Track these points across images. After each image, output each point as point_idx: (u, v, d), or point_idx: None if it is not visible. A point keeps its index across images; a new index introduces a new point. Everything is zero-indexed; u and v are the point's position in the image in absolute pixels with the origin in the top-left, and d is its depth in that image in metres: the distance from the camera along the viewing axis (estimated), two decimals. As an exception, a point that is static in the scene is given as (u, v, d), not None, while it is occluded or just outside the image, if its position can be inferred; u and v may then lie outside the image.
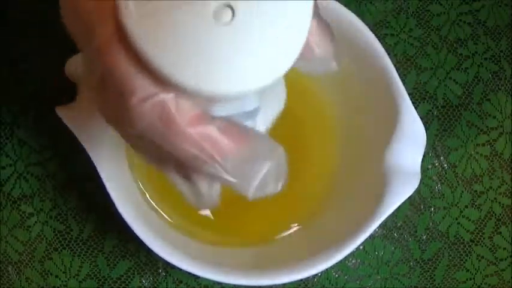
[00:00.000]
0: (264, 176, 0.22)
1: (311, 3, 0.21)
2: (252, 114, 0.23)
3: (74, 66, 0.35)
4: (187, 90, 0.20)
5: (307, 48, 0.21)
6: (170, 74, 0.19)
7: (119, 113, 0.21)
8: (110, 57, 0.20)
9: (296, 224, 0.39)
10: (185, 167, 0.23)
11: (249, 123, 0.23)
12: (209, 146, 0.21)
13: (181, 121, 0.20)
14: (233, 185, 0.22)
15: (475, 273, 0.42)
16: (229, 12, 0.19)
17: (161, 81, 0.20)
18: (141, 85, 0.20)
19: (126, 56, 0.20)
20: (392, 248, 0.42)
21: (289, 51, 0.20)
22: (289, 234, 0.39)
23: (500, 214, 0.43)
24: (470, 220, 0.43)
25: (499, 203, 0.43)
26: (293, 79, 0.41)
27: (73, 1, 0.21)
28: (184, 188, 0.24)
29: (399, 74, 0.36)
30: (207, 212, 0.39)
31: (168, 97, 0.20)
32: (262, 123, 0.25)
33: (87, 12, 0.21)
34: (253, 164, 0.22)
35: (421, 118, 0.36)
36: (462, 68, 0.43)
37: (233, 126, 0.21)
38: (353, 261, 0.41)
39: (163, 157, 0.23)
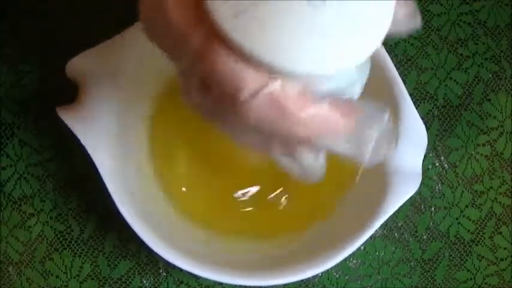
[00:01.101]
0: (376, 141, 0.23)
1: None
2: (351, 85, 0.24)
3: (75, 67, 0.35)
4: (292, 74, 0.20)
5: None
6: (274, 62, 0.20)
7: (227, 111, 0.22)
8: (210, 58, 0.20)
9: (297, 224, 0.39)
10: (292, 145, 0.23)
11: (348, 93, 0.24)
12: (322, 124, 0.22)
13: (292, 106, 0.21)
14: (348, 154, 0.23)
15: (476, 273, 0.42)
16: None
17: (266, 71, 0.20)
18: (248, 79, 0.20)
19: (226, 54, 0.20)
20: (393, 248, 0.42)
21: (381, 24, 0.21)
22: (290, 234, 0.39)
23: (501, 214, 0.43)
24: (470, 220, 0.43)
25: (500, 202, 0.43)
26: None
27: (161, 16, 0.21)
28: (288, 163, 0.24)
29: (400, 74, 0.36)
30: (204, 215, 0.39)
31: (276, 86, 0.21)
32: (356, 91, 0.26)
33: (177, 22, 0.21)
34: (364, 132, 0.22)
35: (422, 118, 0.36)
36: (462, 68, 0.43)
37: (339, 101, 0.22)
38: (354, 261, 0.41)
39: (268, 140, 0.23)
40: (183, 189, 0.39)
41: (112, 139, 0.35)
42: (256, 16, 0.20)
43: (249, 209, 0.39)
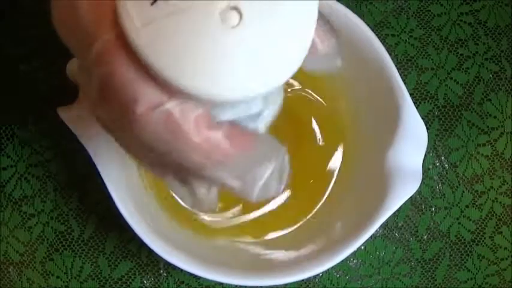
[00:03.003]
0: (266, 179, 0.22)
1: (316, 4, 0.20)
2: (256, 116, 0.23)
3: (76, 67, 0.35)
4: (193, 96, 0.19)
5: (311, 45, 0.21)
6: (176, 80, 0.19)
7: (120, 122, 0.21)
8: (110, 64, 0.19)
9: (298, 224, 0.39)
10: (184, 172, 0.22)
11: (251, 125, 0.23)
12: (215, 152, 0.21)
13: (187, 129, 0.20)
14: (236, 189, 0.22)
15: (476, 273, 0.42)
16: (236, 15, 0.19)
17: (166, 87, 0.19)
18: (146, 93, 0.19)
19: (128, 62, 0.19)
20: (394, 248, 0.42)
21: (297, 53, 0.20)
22: (290, 234, 0.39)
23: (501, 214, 0.43)
24: (471, 220, 0.43)
25: (500, 202, 0.43)
26: (295, 80, 0.41)
27: (69, 10, 0.21)
28: (181, 192, 0.24)
29: (400, 74, 0.36)
30: (204, 217, 0.39)
31: (174, 105, 0.20)
32: (262, 124, 0.25)
33: (85, 19, 0.20)
34: (257, 168, 0.22)
35: (422, 118, 0.36)
36: (463, 68, 0.43)
37: (238, 131, 0.21)
38: (354, 261, 0.41)
39: (162, 162, 0.22)
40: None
41: (112, 139, 0.35)
42: (165, 30, 0.19)
43: (249, 208, 0.40)
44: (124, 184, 0.35)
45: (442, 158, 0.42)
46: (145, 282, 0.40)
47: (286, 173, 0.23)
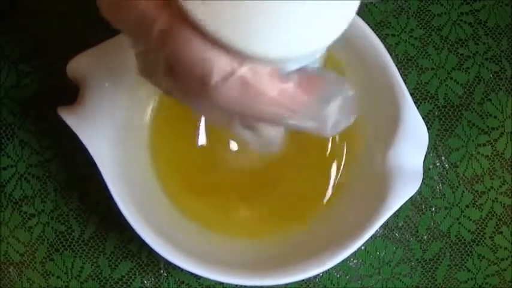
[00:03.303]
0: (337, 114, 0.23)
1: None
2: (315, 60, 0.24)
3: (75, 67, 0.35)
4: (264, 59, 0.20)
5: None
6: (245, 47, 0.19)
7: (193, 93, 0.21)
8: (175, 42, 0.20)
9: (298, 224, 0.39)
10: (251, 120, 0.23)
11: (312, 66, 0.24)
12: (290, 102, 0.21)
13: (262, 88, 0.21)
14: (310, 130, 0.23)
15: (476, 273, 0.42)
16: None
17: (235, 55, 0.20)
18: (217, 64, 0.20)
19: (193, 37, 0.20)
20: (394, 248, 0.42)
21: (349, 6, 0.21)
22: (291, 234, 0.39)
23: (501, 214, 0.43)
24: (471, 220, 0.43)
25: (500, 202, 0.43)
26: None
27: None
28: (249, 135, 0.25)
29: (400, 74, 0.36)
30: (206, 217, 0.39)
31: (246, 70, 0.20)
32: (319, 63, 0.26)
33: (142, 5, 0.20)
34: (327, 106, 0.23)
35: (423, 118, 0.36)
36: (463, 68, 0.43)
37: (306, 78, 0.22)
38: (354, 261, 0.41)
39: (231, 115, 0.23)
40: (183, 189, 0.39)
41: (113, 139, 0.35)
42: (226, 2, 0.19)
43: (248, 209, 0.40)
44: (125, 183, 0.35)
45: (443, 158, 0.42)
46: (145, 282, 0.40)
47: (353, 105, 0.23)
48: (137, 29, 0.21)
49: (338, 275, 0.41)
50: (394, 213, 0.36)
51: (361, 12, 0.42)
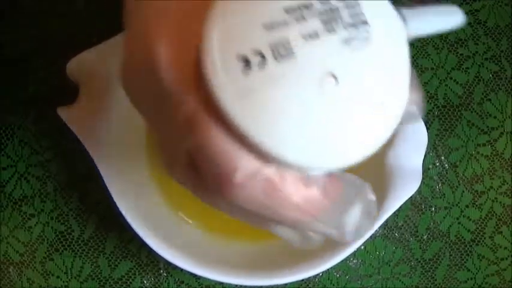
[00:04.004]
0: (358, 221, 0.22)
1: (408, 67, 0.19)
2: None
3: (75, 67, 0.35)
4: (292, 166, 0.19)
5: None
6: (275, 151, 0.18)
7: (212, 189, 0.20)
8: (203, 134, 0.18)
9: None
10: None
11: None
12: (312, 208, 0.20)
13: (286, 191, 0.20)
14: (331, 236, 0.22)
15: (476, 273, 0.42)
16: (332, 80, 0.18)
17: (263, 155, 0.19)
18: (243, 162, 0.19)
19: (222, 132, 0.18)
20: (394, 248, 0.42)
21: (392, 118, 0.19)
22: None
23: (501, 214, 0.43)
24: (471, 220, 0.43)
25: (500, 202, 0.43)
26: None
27: (149, 76, 0.19)
28: (288, 235, 0.24)
29: (400, 74, 0.36)
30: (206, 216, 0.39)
31: (272, 171, 0.19)
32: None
33: (166, 77, 0.19)
34: (347, 212, 0.21)
35: (422, 118, 0.36)
36: (463, 68, 0.43)
37: (327, 181, 0.21)
38: (354, 261, 0.41)
39: (261, 219, 0.22)
40: (183, 189, 0.39)
41: (113, 139, 0.35)
42: (261, 100, 0.18)
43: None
44: (124, 184, 0.35)
45: (442, 157, 0.42)
46: (145, 282, 0.40)
47: (374, 209, 0.22)
48: (157, 109, 0.20)
49: (338, 275, 0.41)
50: (394, 213, 0.36)
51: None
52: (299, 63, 0.18)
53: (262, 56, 0.18)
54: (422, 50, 0.43)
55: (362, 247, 0.41)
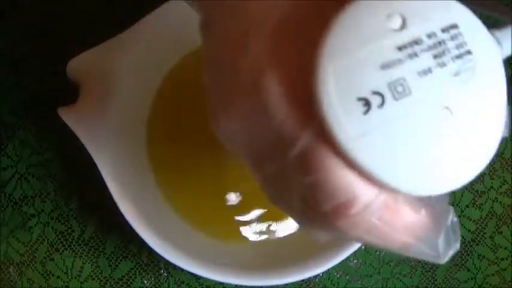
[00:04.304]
0: (446, 239, 0.22)
1: (506, 91, 0.20)
2: None
3: (76, 67, 0.35)
4: (406, 194, 0.19)
5: None
6: (393, 184, 0.19)
7: (327, 222, 0.20)
8: (321, 167, 0.18)
9: (298, 224, 0.39)
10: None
11: None
12: (421, 233, 0.21)
13: (402, 221, 0.20)
14: (428, 257, 0.22)
15: (476, 273, 0.42)
16: (448, 113, 0.19)
17: (377, 184, 0.19)
18: (361, 192, 0.19)
19: (339, 165, 0.18)
20: (394, 248, 0.42)
21: (492, 144, 0.20)
22: (291, 234, 0.39)
23: (501, 214, 0.43)
24: (471, 220, 0.43)
25: (500, 202, 0.43)
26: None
27: (258, 111, 0.19)
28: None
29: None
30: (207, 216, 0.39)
31: (387, 197, 0.19)
32: None
33: (280, 120, 0.18)
34: (441, 233, 0.22)
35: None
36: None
37: (427, 206, 0.21)
38: (354, 261, 0.41)
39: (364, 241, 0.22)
40: (182, 189, 0.39)
41: (113, 139, 0.35)
42: (381, 138, 0.18)
43: (248, 209, 0.40)
44: (125, 184, 0.35)
45: (442, 157, 0.42)
46: (145, 282, 0.40)
47: (458, 229, 0.23)
48: (267, 149, 0.20)
49: (338, 275, 0.41)
50: (394, 213, 0.36)
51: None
52: (417, 100, 0.18)
53: (382, 96, 0.18)
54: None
55: (362, 247, 0.41)
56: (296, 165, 0.19)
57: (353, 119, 0.18)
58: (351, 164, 0.18)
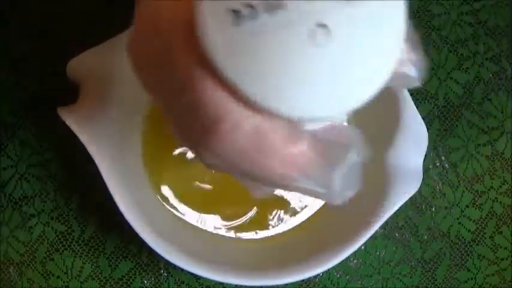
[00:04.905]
0: (343, 180, 0.21)
1: (403, 19, 0.20)
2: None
3: (75, 67, 0.35)
4: (281, 116, 0.19)
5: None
6: (263, 101, 0.19)
7: (205, 141, 0.20)
8: (196, 85, 0.19)
9: (298, 225, 0.39)
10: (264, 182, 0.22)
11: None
12: (302, 163, 0.20)
13: (277, 144, 0.20)
14: (319, 195, 0.22)
15: (476, 273, 0.42)
16: (324, 32, 0.18)
17: (251, 106, 0.19)
18: (232, 112, 0.19)
19: (214, 83, 0.19)
20: (394, 248, 0.42)
21: (383, 70, 0.20)
22: (291, 234, 0.39)
23: (501, 214, 0.43)
24: (471, 220, 0.43)
25: (500, 202, 0.43)
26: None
27: (150, 40, 0.20)
28: (249, 186, 0.24)
29: (401, 74, 0.36)
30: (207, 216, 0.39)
31: (260, 121, 0.19)
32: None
33: (166, 45, 0.20)
34: (335, 171, 0.21)
35: (423, 118, 0.36)
36: (463, 68, 0.43)
37: (315, 138, 0.21)
38: (354, 261, 0.41)
39: (245, 175, 0.22)
40: (182, 189, 0.39)
41: (113, 139, 0.35)
42: (250, 51, 0.18)
43: (248, 209, 0.40)
44: (125, 184, 0.35)
45: (443, 157, 0.42)
46: (145, 282, 0.40)
47: (359, 170, 0.22)
48: (158, 70, 0.21)
49: (338, 275, 0.41)
50: (394, 213, 0.36)
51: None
52: (291, 14, 0.18)
53: (253, 8, 0.18)
54: (422, 50, 0.43)
55: (362, 247, 0.41)
56: (181, 82, 0.20)
57: (224, 31, 0.18)
58: (223, 80, 0.18)
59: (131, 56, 0.22)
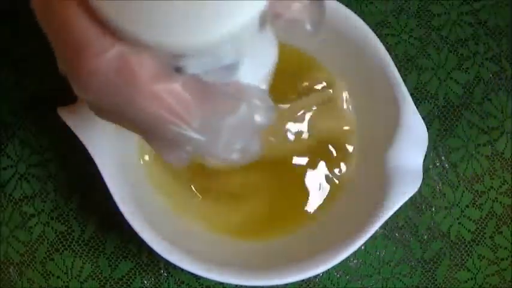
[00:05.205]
0: (229, 134, 0.20)
1: None
2: (232, 68, 0.21)
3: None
4: (146, 44, 0.18)
5: (275, 7, 0.20)
6: (126, 27, 0.18)
7: (73, 70, 0.20)
8: (62, 10, 0.19)
9: (298, 225, 0.39)
10: (147, 134, 0.21)
11: (230, 79, 0.21)
12: (173, 103, 0.19)
13: (142, 76, 0.19)
14: (199, 144, 0.20)
15: (476, 273, 0.42)
16: None
17: (118, 35, 0.18)
18: (97, 38, 0.19)
19: (79, 9, 0.19)
20: (394, 248, 0.42)
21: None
22: (291, 234, 0.39)
23: (501, 214, 0.43)
24: (471, 220, 0.43)
25: (500, 202, 0.43)
26: (295, 81, 0.41)
27: None
28: (158, 148, 0.23)
29: (400, 74, 0.36)
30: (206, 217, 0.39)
31: (126, 50, 0.19)
32: (256, 81, 0.23)
33: None
34: (218, 121, 0.20)
35: (423, 118, 0.36)
36: (463, 68, 0.43)
37: (198, 83, 0.20)
38: (354, 261, 0.41)
39: (125, 121, 0.21)
40: (183, 189, 0.39)
41: (113, 139, 0.35)
42: None
43: (248, 209, 0.40)
44: (125, 184, 0.35)
45: (443, 157, 0.42)
46: (145, 282, 0.40)
47: (251, 126, 0.21)
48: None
49: (338, 275, 0.41)
50: (394, 213, 0.36)
51: (361, 12, 0.42)
52: None
53: None
54: (422, 50, 0.43)
55: (362, 247, 0.41)
56: (56, 21, 0.20)
57: None
58: (89, 7, 0.18)
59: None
